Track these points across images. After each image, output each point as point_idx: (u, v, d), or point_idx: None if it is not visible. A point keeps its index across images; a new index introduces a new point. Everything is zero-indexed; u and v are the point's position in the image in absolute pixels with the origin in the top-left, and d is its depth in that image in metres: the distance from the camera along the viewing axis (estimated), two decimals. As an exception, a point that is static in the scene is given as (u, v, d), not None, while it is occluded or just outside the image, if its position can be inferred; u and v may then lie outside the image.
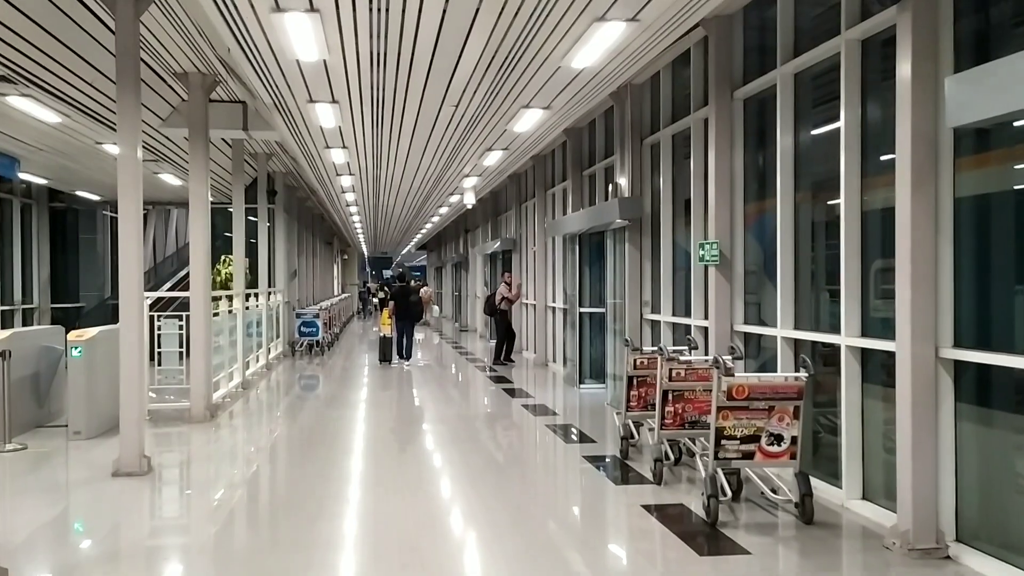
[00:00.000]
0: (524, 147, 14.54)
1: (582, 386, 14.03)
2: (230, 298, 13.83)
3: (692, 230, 9.75)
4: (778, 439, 6.23)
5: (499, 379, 15.78)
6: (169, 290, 23.25)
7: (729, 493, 6.53)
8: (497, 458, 9.25)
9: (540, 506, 7.31)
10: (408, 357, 18.84)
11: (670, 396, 7.43)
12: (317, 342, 20.96)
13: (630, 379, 8.58)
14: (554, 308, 17.53)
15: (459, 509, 7.22)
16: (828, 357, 7.14)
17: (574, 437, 9.95)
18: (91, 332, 9.87)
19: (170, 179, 19.23)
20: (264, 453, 9.63)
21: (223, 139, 14.73)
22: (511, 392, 13.85)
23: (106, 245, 23.86)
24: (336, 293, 42.15)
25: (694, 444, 7.72)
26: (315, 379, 16.93)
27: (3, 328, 16.26)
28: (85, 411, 9.66)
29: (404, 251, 59.11)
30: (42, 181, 19.89)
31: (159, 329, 11.49)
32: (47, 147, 14.93)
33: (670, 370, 7.41)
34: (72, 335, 9.89)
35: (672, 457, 7.92)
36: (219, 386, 12.60)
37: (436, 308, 39.59)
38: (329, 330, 23.00)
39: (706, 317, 9.20)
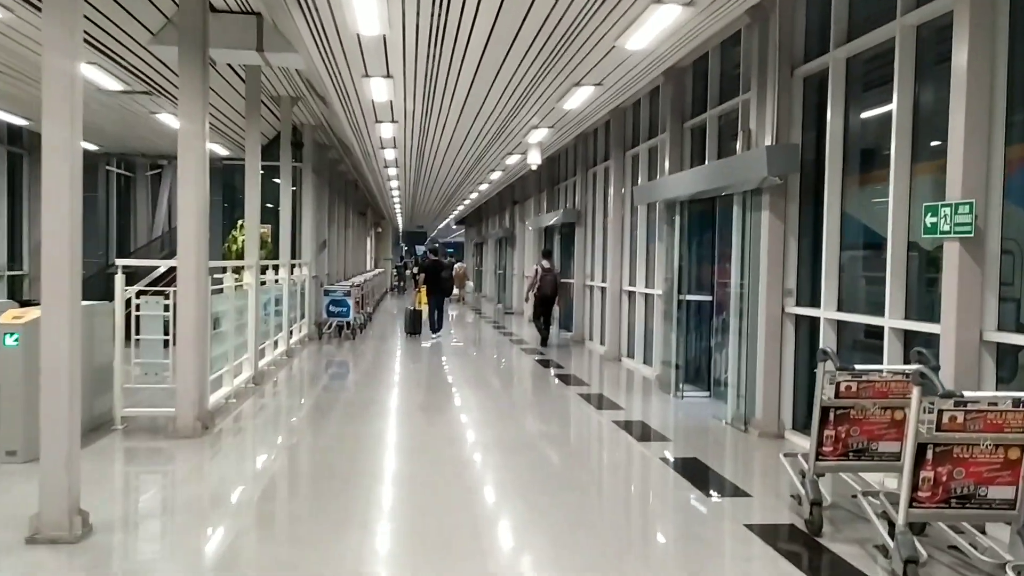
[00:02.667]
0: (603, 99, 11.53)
1: (680, 393, 11.07)
2: (239, 271, 10.96)
3: (898, 187, 6.69)
4: None
5: (569, 379, 12.85)
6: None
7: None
8: (614, 532, 6.21)
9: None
10: (439, 329, 19.21)
11: (934, 453, 4.44)
12: (348, 323, 18.16)
13: (824, 412, 5.60)
14: (632, 293, 14.55)
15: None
16: None
17: (713, 489, 6.87)
18: (33, 313, 7.05)
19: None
20: (268, 498, 6.74)
21: (232, 66, 11.84)
22: (593, 401, 10.90)
23: (109, 204, 21.20)
24: (369, 268, 39.44)
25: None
26: (344, 372, 14.11)
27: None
28: (23, 423, 6.88)
29: (441, 225, 56.32)
30: (22, 122, 16.87)
31: (138, 309, 8.67)
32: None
33: (938, 413, 4.41)
34: (6, 316, 7.10)
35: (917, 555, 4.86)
36: (221, 383, 9.81)
37: (470, 284, 40.01)
38: (362, 309, 20.20)
39: (929, 319, 6.21)
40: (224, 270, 10.03)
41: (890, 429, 5.58)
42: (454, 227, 57.79)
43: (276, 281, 14.05)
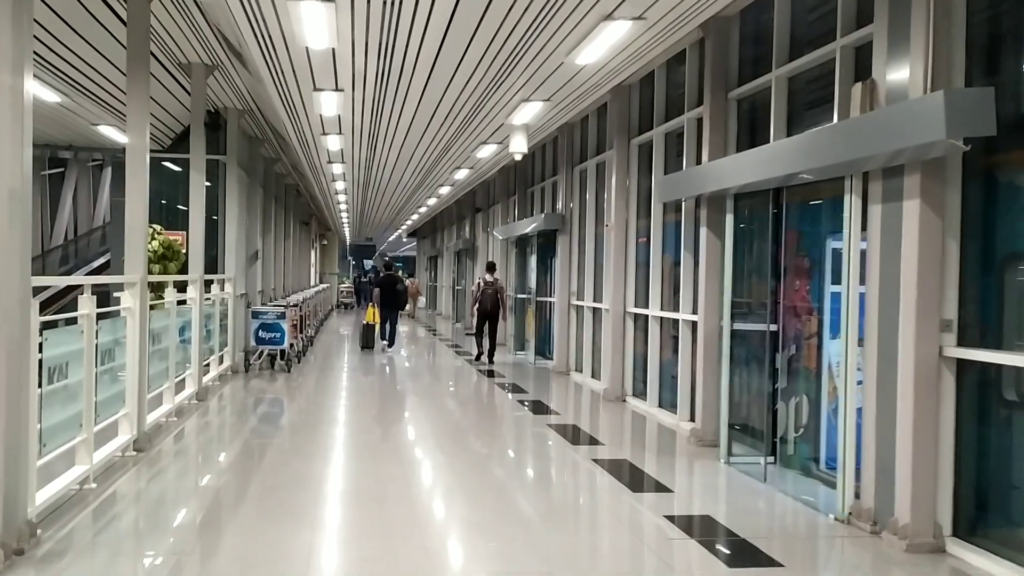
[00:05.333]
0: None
1: (732, 458, 8.04)
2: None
3: None
4: None
5: (567, 431, 9.73)
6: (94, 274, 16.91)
7: None
8: None
9: None
10: (392, 343, 19.15)
11: None
12: (282, 352, 14.81)
13: None
14: (640, 316, 11.52)
15: None
16: None
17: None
18: None
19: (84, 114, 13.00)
20: None
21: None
22: (616, 472, 7.76)
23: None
24: (312, 284, 35.92)
25: None
26: (269, 422, 10.80)
27: None
28: None
29: (392, 237, 52.95)
30: None
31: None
32: None
33: None
34: None
35: None
36: (70, 458, 6.49)
37: (422, 299, 40.44)
38: (300, 333, 16.84)
39: None
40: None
41: None
42: (405, 240, 54.43)
43: (182, 303, 10.74)
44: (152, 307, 9.62)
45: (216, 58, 10.86)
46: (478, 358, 16.70)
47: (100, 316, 6.97)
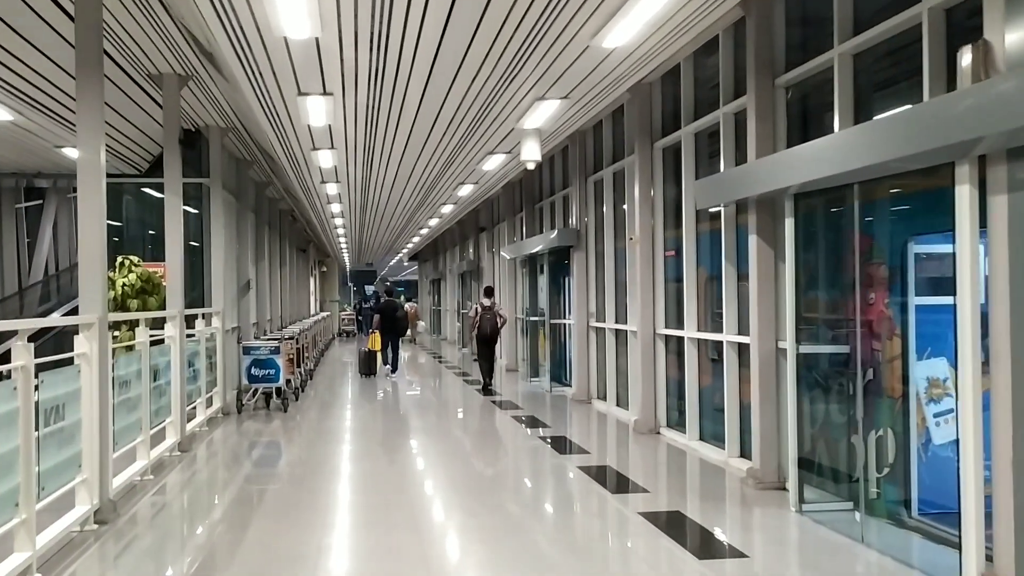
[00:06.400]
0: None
1: (805, 505, 6.78)
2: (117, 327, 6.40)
3: None
4: None
5: (606, 477, 8.48)
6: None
7: None
8: None
9: None
10: (395, 370, 19.10)
11: None
12: (278, 390, 13.57)
13: None
14: (674, 339, 10.31)
15: None
16: None
17: None
18: None
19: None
20: None
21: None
22: (684, 535, 6.45)
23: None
24: (312, 312, 34.72)
25: None
26: (262, 475, 9.56)
27: None
28: None
29: (393, 262, 51.79)
30: None
31: None
32: None
33: None
34: None
35: None
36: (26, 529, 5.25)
37: (422, 324, 41.36)
38: (298, 367, 15.61)
39: None
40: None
41: None
42: (406, 263, 53.26)
43: (161, 342, 9.55)
44: (130, 348, 8.45)
45: (189, 67, 9.72)
46: (485, 388, 15.63)
47: (44, 367, 5.77)
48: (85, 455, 6.51)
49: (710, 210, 9.08)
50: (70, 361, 6.48)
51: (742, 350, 8.55)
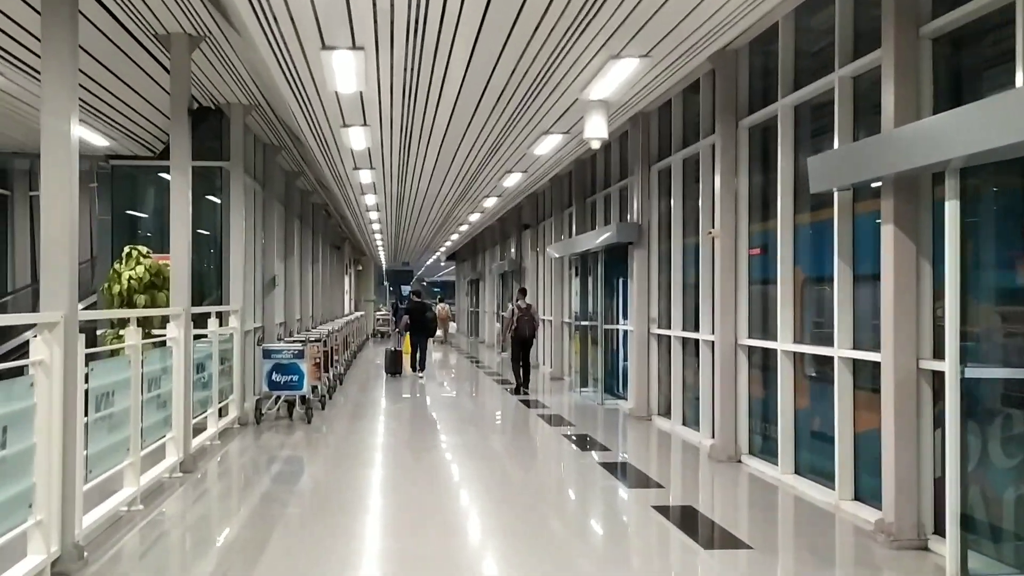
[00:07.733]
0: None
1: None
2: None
3: None
4: None
5: (697, 522, 6.91)
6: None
7: None
8: None
9: None
10: (423, 369, 19.05)
11: None
12: (302, 398, 12.14)
13: None
14: (763, 350, 8.71)
15: None
16: None
17: None
18: None
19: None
20: None
21: None
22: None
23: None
24: (346, 312, 33.43)
25: None
26: (275, 498, 8.08)
27: None
28: None
29: (429, 261, 50.48)
30: None
31: None
32: None
33: None
34: None
35: None
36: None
37: (453, 325, 41.57)
38: (326, 372, 14.18)
39: None
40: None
41: None
42: (443, 263, 51.93)
43: (165, 343, 8.15)
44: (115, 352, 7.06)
45: (200, 25, 8.30)
46: (517, 390, 15.64)
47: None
48: (40, 491, 5.08)
49: (822, 195, 7.45)
50: (21, 372, 5.07)
51: (858, 368, 6.95)
